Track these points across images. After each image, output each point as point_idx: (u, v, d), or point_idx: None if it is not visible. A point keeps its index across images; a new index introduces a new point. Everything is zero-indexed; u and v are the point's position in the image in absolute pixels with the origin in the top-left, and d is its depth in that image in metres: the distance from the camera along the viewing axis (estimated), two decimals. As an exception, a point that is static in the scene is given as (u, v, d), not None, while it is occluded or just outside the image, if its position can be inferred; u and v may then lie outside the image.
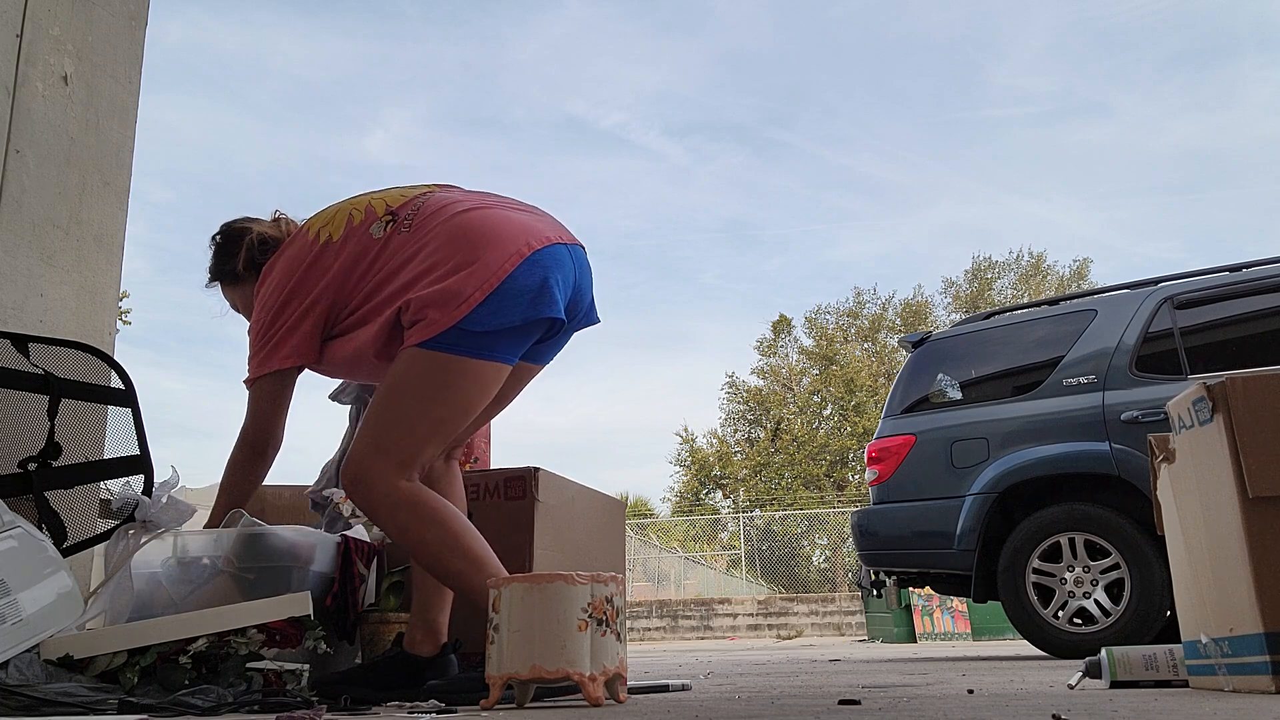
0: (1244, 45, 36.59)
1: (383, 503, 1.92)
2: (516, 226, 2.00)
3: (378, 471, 1.92)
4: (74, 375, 2.34)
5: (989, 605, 8.39)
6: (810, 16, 38.49)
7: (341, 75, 40.38)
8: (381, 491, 1.92)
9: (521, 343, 1.99)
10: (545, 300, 1.95)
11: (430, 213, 2.03)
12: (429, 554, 1.93)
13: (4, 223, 2.53)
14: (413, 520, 1.92)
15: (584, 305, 2.14)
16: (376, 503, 1.93)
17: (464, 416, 1.97)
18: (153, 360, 36.20)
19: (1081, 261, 30.15)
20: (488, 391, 1.98)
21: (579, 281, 2.09)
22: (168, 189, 38.82)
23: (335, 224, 2.09)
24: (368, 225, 2.06)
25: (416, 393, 1.92)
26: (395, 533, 1.94)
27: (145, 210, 36.19)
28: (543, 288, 1.95)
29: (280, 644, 1.95)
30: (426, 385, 1.92)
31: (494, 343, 1.94)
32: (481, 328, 1.91)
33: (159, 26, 9.82)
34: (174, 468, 2.20)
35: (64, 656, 1.83)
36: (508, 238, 1.96)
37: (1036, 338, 5.00)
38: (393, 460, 1.92)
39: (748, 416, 30.93)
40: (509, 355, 1.98)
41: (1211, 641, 1.80)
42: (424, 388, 1.92)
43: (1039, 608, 4.57)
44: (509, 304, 1.92)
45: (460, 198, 2.08)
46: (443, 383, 1.92)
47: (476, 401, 1.97)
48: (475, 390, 1.95)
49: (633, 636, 15.63)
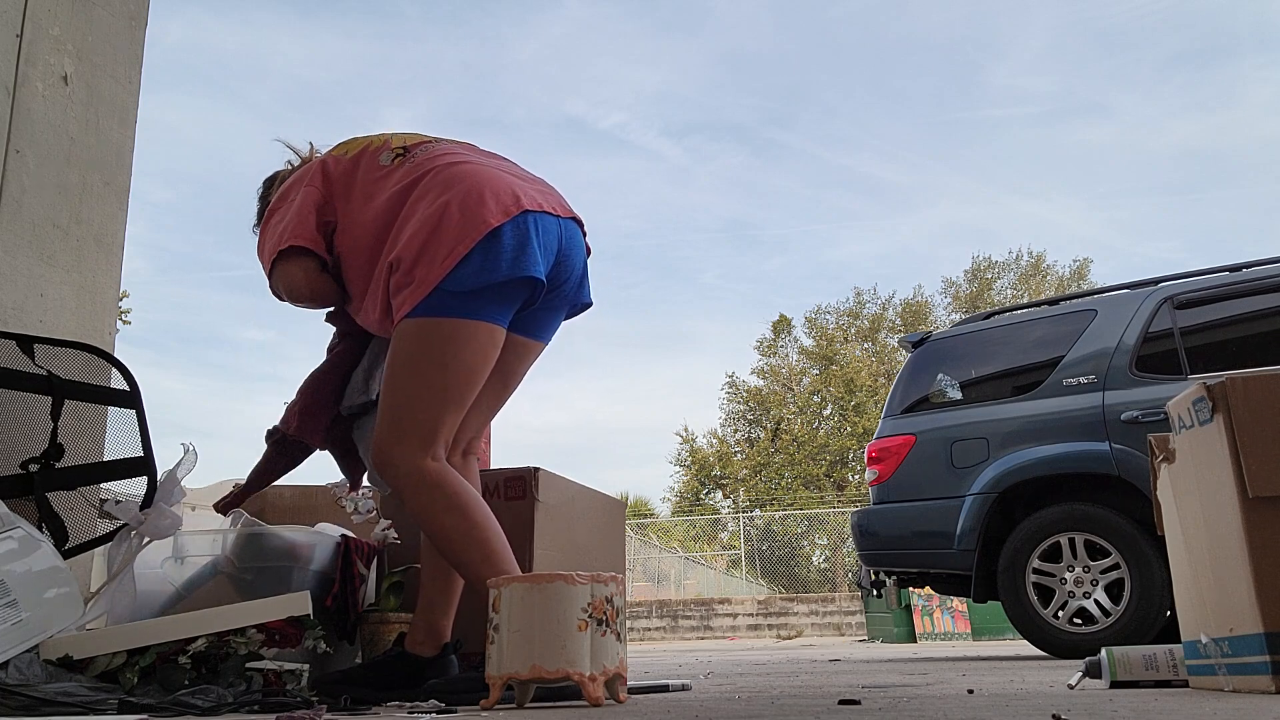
0: (1244, 45, 36.62)
1: (408, 483, 1.95)
2: (508, 184, 2.02)
3: (400, 453, 1.95)
4: (78, 376, 2.34)
5: (989, 605, 8.38)
6: (810, 16, 38.52)
7: (342, 75, 40.42)
8: (406, 472, 1.95)
9: (506, 304, 2.00)
10: (526, 258, 1.96)
11: (433, 155, 2.09)
12: (445, 540, 1.94)
13: (4, 223, 2.53)
14: (434, 504, 1.94)
15: (572, 277, 2.14)
16: (403, 483, 1.96)
17: (470, 381, 1.98)
18: (153, 360, 36.24)
19: (1081, 262, 30.17)
20: (486, 354, 1.99)
21: (565, 253, 2.09)
22: (168, 189, 38.85)
23: (352, 146, 2.20)
24: (379, 152, 2.15)
25: (417, 366, 1.95)
26: (417, 514, 1.97)
27: (145, 210, 36.22)
28: (523, 247, 1.96)
29: (280, 644, 1.95)
30: (424, 356, 1.94)
31: (479, 303, 1.95)
32: (465, 287, 1.92)
33: (159, 27, 9.82)
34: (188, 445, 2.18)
35: (64, 656, 1.84)
36: (497, 194, 1.98)
37: (1036, 338, 5.00)
38: (413, 439, 1.95)
39: (748, 416, 30.93)
40: (497, 316, 1.99)
41: (1211, 641, 1.80)
42: (422, 359, 1.94)
43: (1039, 608, 4.57)
44: (492, 261, 1.93)
45: (466, 153, 2.12)
46: (440, 349, 1.94)
47: (478, 364, 1.98)
48: (472, 352, 1.96)
49: (633, 636, 15.63)
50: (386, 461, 1.96)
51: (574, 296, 2.18)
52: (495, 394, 2.21)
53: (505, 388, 2.22)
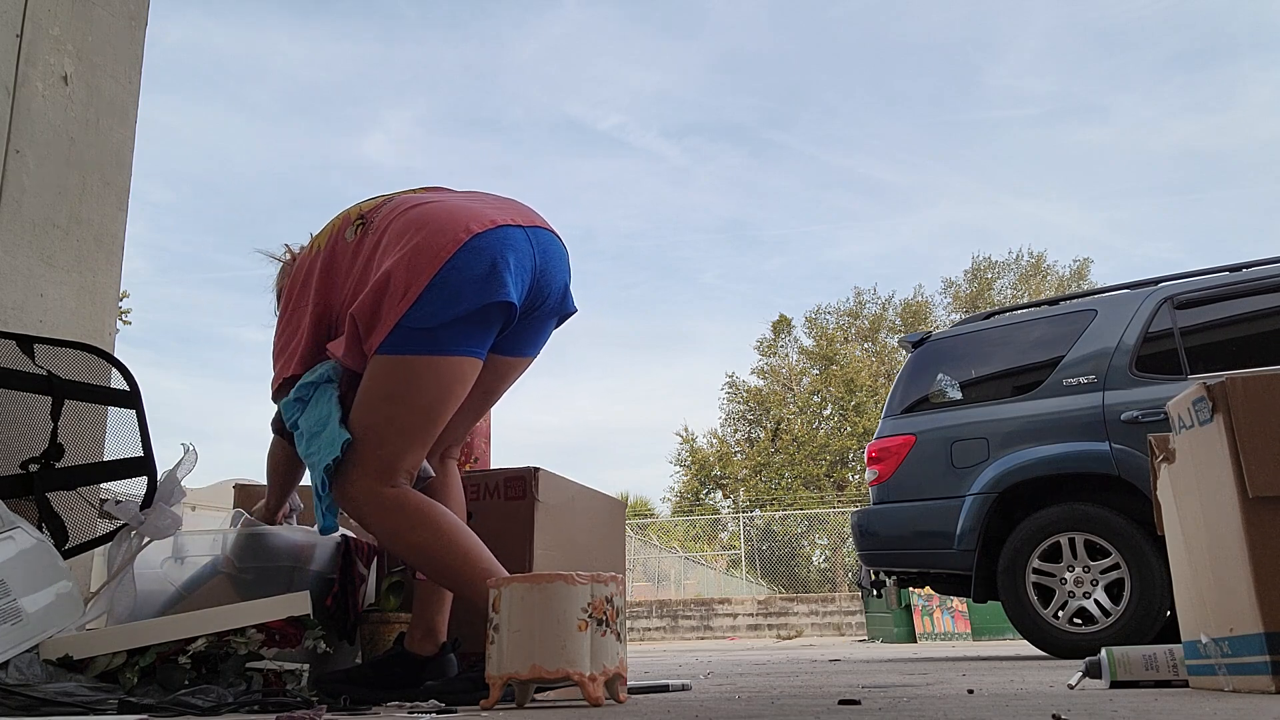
0: (1242, 46, 36.61)
1: (368, 511, 1.93)
2: (458, 213, 1.97)
3: (359, 484, 1.93)
4: (78, 376, 2.33)
5: (989, 605, 8.39)
6: (809, 18, 38.51)
7: (341, 77, 40.40)
8: (365, 501, 1.93)
9: (481, 332, 1.96)
10: (494, 283, 1.91)
11: (387, 212, 2.05)
12: (422, 556, 1.93)
13: (4, 223, 2.53)
14: (401, 524, 1.92)
15: (554, 291, 2.09)
16: (363, 513, 1.94)
17: (433, 417, 1.95)
18: (153, 360, 36.24)
19: (1081, 261, 30.17)
20: (453, 389, 1.95)
21: (542, 265, 2.03)
22: (167, 190, 38.84)
23: (326, 234, 2.16)
24: (344, 230, 2.11)
25: (378, 402, 1.93)
26: (386, 539, 1.95)
27: (145, 211, 36.22)
28: (491, 272, 1.91)
29: (280, 644, 1.95)
30: (387, 392, 1.92)
31: (447, 337, 1.91)
32: (430, 323, 1.89)
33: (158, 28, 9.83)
34: (188, 445, 2.18)
35: (64, 656, 1.83)
36: (446, 226, 1.94)
37: (1036, 338, 5.00)
38: (371, 470, 1.92)
39: (748, 416, 30.92)
40: (469, 348, 1.95)
41: (1211, 641, 1.80)
42: (385, 395, 1.92)
43: (1039, 608, 4.57)
44: (452, 293, 1.89)
45: (420, 197, 2.08)
46: (402, 387, 1.91)
47: (442, 401, 1.94)
48: (438, 390, 1.93)
49: (633, 636, 15.63)
50: (344, 494, 1.94)
51: (560, 307, 2.15)
52: (476, 408, 2.19)
53: (486, 402, 2.21)
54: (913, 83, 38.86)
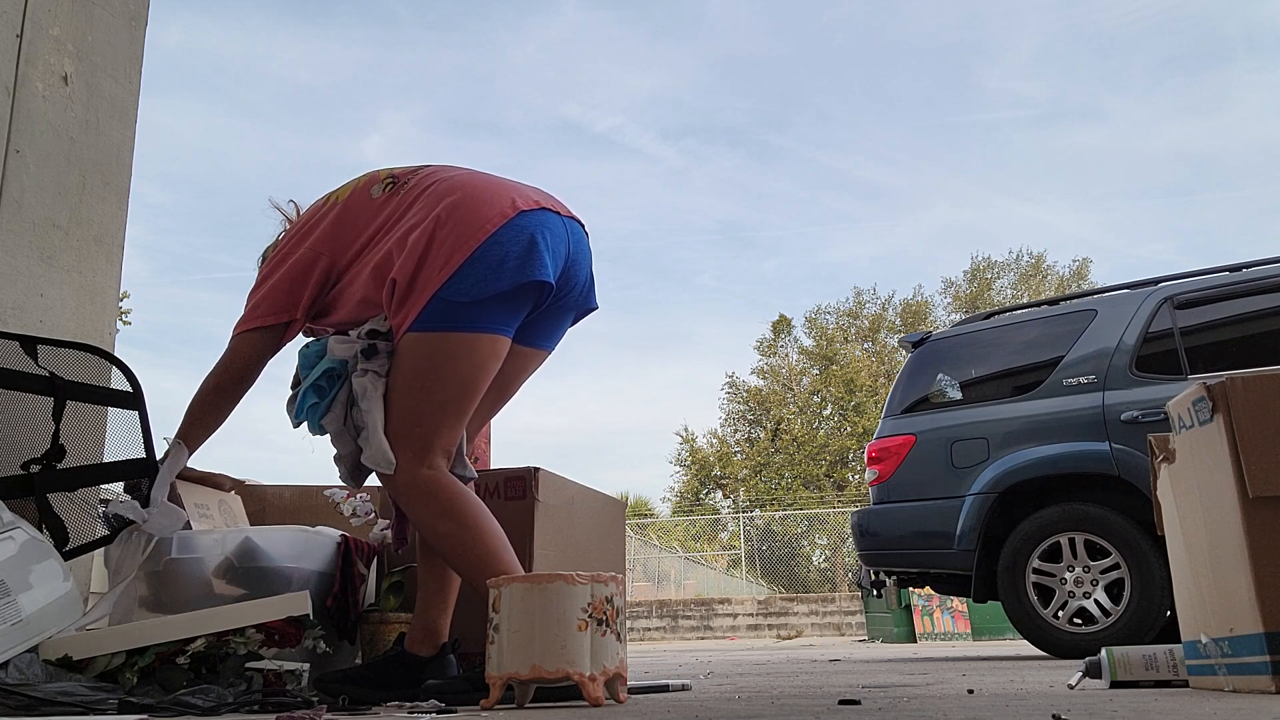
0: (1235, 49, 36.57)
1: (405, 491, 1.96)
2: (503, 188, 2.00)
3: (398, 463, 1.95)
4: (80, 377, 2.33)
5: (989, 605, 8.39)
6: (804, 21, 38.46)
7: (338, 79, 40.37)
8: (402, 481, 1.96)
9: (514, 311, 1.98)
10: (534, 262, 1.92)
11: (424, 175, 2.07)
12: (443, 544, 1.95)
13: (4, 223, 2.53)
14: (431, 511, 1.95)
15: (580, 282, 2.11)
16: (400, 492, 1.98)
17: (469, 394, 1.97)
18: (153, 360, 36.24)
19: (1081, 262, 30.12)
20: (488, 366, 1.97)
21: (573, 254, 2.05)
22: (167, 191, 38.81)
23: (345, 189, 2.17)
24: (369, 186, 2.12)
25: (416, 380, 1.94)
26: (416, 522, 1.99)
27: (144, 212, 36.25)
28: (530, 249, 1.93)
29: (280, 644, 1.95)
30: (425, 370, 1.94)
31: (484, 313, 1.93)
32: (468, 297, 1.90)
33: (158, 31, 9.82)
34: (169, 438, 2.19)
35: (64, 656, 1.83)
36: (492, 199, 1.96)
37: (1036, 338, 5.00)
38: (409, 450, 1.95)
39: (748, 416, 30.91)
40: (502, 326, 1.97)
41: (1211, 641, 1.80)
42: (422, 373, 1.94)
43: (1039, 608, 4.57)
44: (494, 269, 1.90)
45: (460, 169, 2.10)
46: (440, 364, 1.93)
47: (478, 377, 1.97)
48: (473, 365, 1.95)
49: (633, 636, 15.63)
50: (384, 473, 1.98)
51: (581, 301, 2.16)
52: (490, 402, 2.20)
53: (502, 396, 2.21)
54: (908, 85, 38.86)
